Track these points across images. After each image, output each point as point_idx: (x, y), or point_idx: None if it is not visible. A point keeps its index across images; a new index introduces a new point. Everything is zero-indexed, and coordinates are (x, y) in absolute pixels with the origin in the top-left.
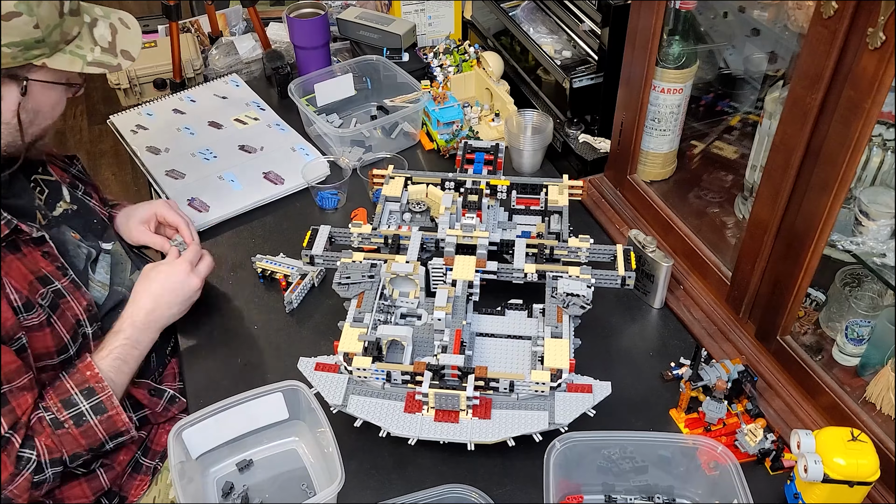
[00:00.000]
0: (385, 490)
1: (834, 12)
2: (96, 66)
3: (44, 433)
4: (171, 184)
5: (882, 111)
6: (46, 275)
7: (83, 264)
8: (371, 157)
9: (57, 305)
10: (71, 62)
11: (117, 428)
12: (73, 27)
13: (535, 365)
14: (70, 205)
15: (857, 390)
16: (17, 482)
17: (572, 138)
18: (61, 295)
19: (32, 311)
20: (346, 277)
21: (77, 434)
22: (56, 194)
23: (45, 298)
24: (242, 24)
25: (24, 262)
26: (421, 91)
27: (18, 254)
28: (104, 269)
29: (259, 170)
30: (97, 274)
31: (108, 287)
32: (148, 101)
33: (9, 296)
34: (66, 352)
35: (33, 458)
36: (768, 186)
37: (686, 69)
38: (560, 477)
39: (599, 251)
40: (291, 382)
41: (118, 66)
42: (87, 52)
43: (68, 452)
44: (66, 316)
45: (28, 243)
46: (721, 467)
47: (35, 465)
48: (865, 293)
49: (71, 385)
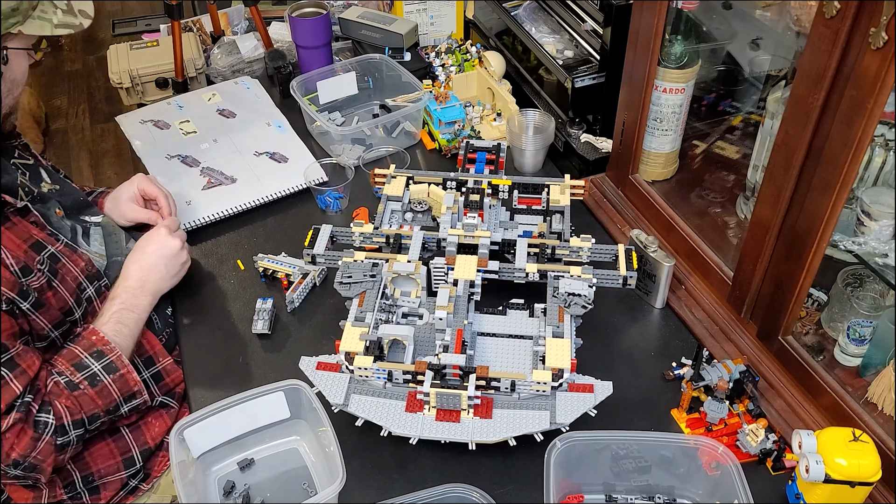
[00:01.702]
0: (386, 489)
1: (836, 12)
2: (63, 28)
3: (62, 395)
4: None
5: (884, 111)
6: (39, 240)
7: (70, 236)
8: (372, 154)
9: (56, 271)
10: (41, 26)
11: (130, 387)
12: None
13: (537, 364)
14: (52, 185)
15: (859, 391)
16: (40, 447)
17: (574, 138)
18: (57, 259)
19: (32, 276)
20: (348, 277)
21: (93, 394)
22: (36, 175)
23: (42, 264)
24: (244, 23)
25: (15, 231)
26: (422, 91)
27: (7, 223)
28: (98, 241)
29: (260, 166)
30: (92, 246)
31: (105, 257)
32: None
33: (6, 260)
34: (72, 315)
35: (51, 421)
36: (770, 186)
37: (688, 69)
38: (561, 476)
39: (601, 251)
40: (293, 381)
41: (80, 25)
42: (52, 15)
43: (87, 413)
44: (66, 280)
45: (15, 214)
46: (722, 468)
47: (55, 428)
48: (867, 293)
49: (79, 350)
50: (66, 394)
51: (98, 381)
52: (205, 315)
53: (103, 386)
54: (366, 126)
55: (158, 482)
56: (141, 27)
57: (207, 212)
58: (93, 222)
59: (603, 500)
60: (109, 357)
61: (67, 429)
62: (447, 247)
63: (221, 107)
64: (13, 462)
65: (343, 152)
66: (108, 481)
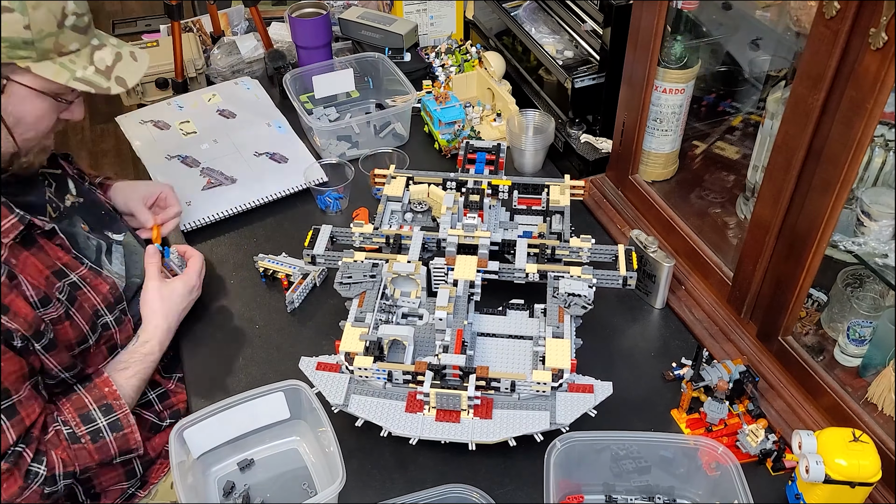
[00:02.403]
0: (386, 490)
1: (836, 13)
2: (83, 84)
3: (60, 446)
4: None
5: (884, 112)
6: (62, 268)
7: (94, 256)
8: (366, 151)
9: (74, 298)
10: (57, 73)
11: (129, 446)
12: (72, 43)
13: (537, 365)
14: (77, 197)
15: (859, 391)
16: (26, 495)
17: (574, 138)
18: (77, 287)
19: (49, 306)
20: (348, 277)
21: (92, 450)
22: (63, 187)
23: (62, 292)
24: (244, 23)
25: (40, 257)
26: (413, 94)
27: (34, 248)
28: (119, 261)
29: (261, 166)
30: (113, 265)
31: (124, 279)
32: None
33: (25, 292)
34: (86, 342)
35: (42, 471)
36: (770, 187)
37: (688, 69)
38: (560, 477)
39: (601, 251)
40: (293, 382)
41: (107, 90)
42: (79, 68)
43: (80, 466)
44: (83, 308)
45: (42, 236)
46: (722, 468)
47: (45, 479)
48: (867, 294)
49: (89, 400)
50: (65, 445)
51: (100, 438)
52: (205, 315)
53: (104, 443)
54: (351, 122)
55: (156, 488)
56: (141, 27)
57: (207, 212)
58: (115, 240)
59: (603, 501)
60: (117, 414)
61: (58, 479)
62: (447, 247)
63: (221, 107)
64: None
65: (327, 147)
66: (109, 491)
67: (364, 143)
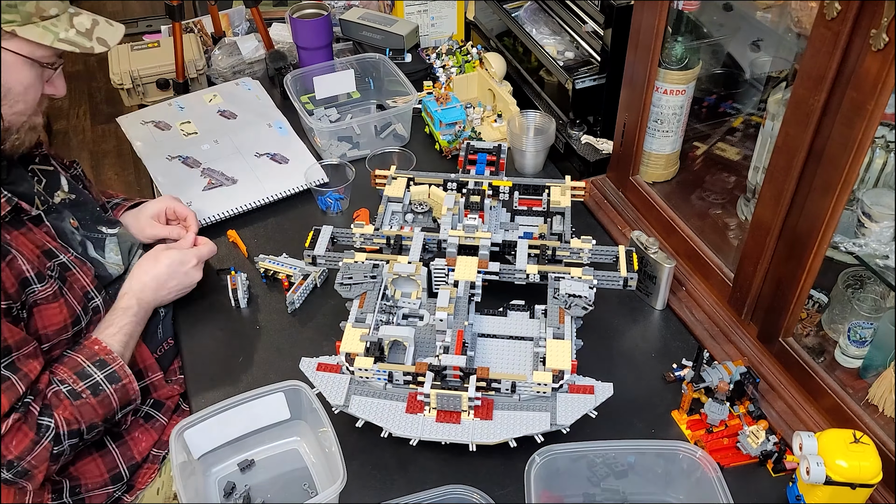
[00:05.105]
0: (386, 490)
1: (837, 14)
2: (67, 44)
3: (61, 405)
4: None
5: (885, 113)
6: (51, 249)
7: (79, 250)
8: (367, 152)
9: (65, 279)
10: (42, 35)
11: (129, 396)
12: (52, 8)
13: (537, 366)
14: (68, 194)
15: (860, 392)
16: (37, 451)
17: (575, 139)
18: (66, 268)
19: (45, 282)
20: (349, 278)
21: (95, 403)
22: (54, 184)
23: (53, 271)
24: (245, 24)
25: (29, 237)
26: (414, 94)
27: (23, 228)
28: (113, 251)
29: (262, 167)
30: (108, 256)
31: (122, 266)
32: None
33: (21, 266)
34: (79, 323)
35: (52, 426)
36: (771, 188)
37: (689, 70)
38: (542, 488)
39: (601, 252)
40: (293, 382)
41: (91, 49)
42: (62, 30)
43: (86, 423)
44: (74, 288)
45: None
46: (701, 471)
47: (53, 436)
48: (868, 295)
49: (81, 359)
50: (66, 403)
51: (101, 391)
52: (205, 315)
53: (105, 395)
54: (351, 123)
55: (143, 493)
56: (142, 28)
57: (208, 213)
58: (108, 233)
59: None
60: (112, 367)
61: (62, 438)
62: (448, 248)
63: (222, 108)
64: (7, 463)
65: (328, 148)
66: (95, 494)
67: (365, 143)
